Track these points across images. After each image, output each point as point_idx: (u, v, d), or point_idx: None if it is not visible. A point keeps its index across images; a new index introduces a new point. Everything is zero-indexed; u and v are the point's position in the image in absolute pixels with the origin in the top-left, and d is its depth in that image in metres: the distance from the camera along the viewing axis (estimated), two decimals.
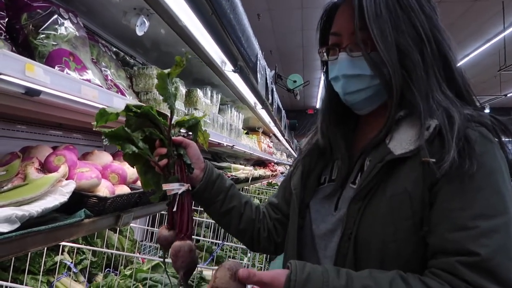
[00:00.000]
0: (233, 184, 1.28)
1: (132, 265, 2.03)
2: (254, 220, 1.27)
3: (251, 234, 1.27)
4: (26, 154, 1.35)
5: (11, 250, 0.97)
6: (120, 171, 1.51)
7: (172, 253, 1.00)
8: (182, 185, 1.07)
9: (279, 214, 1.28)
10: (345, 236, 0.97)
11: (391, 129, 0.96)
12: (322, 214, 1.06)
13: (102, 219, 1.34)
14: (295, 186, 1.13)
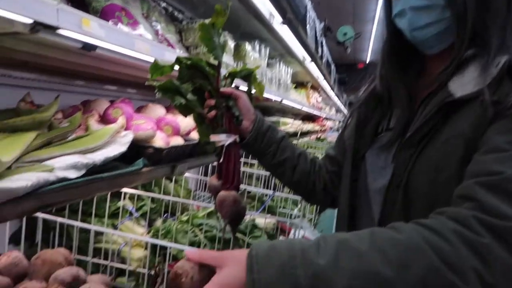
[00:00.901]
0: (285, 136, 1.25)
1: (188, 212, 2.14)
2: (308, 172, 1.25)
3: (306, 186, 1.26)
4: (86, 107, 1.43)
5: (79, 194, 1.05)
6: (173, 123, 1.56)
7: (217, 202, 1.04)
8: (229, 136, 1.08)
9: (335, 166, 1.24)
10: (393, 186, 0.93)
11: (457, 70, 0.88)
12: (379, 167, 1.01)
13: (158, 169, 1.41)
14: (348, 136, 1.10)
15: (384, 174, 0.98)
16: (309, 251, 0.70)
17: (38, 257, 1.18)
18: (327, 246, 0.70)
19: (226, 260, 0.75)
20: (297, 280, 0.68)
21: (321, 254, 0.69)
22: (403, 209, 0.89)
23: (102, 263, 1.74)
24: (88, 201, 1.82)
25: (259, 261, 0.71)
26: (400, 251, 0.68)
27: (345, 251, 0.69)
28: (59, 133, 1.12)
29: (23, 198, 0.80)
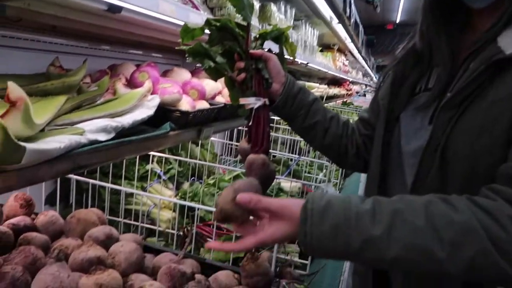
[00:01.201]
0: (317, 99, 1.22)
1: (214, 176, 2.18)
2: (340, 135, 1.22)
3: (337, 150, 1.23)
4: (113, 72, 1.44)
5: (109, 156, 1.08)
6: (199, 87, 1.56)
7: (246, 165, 1.03)
8: (259, 99, 1.06)
9: (369, 130, 1.20)
10: (430, 148, 0.88)
11: (506, 25, 0.81)
12: (414, 128, 0.96)
13: (185, 132, 1.42)
14: (382, 96, 1.03)
15: (419, 136, 0.93)
16: (364, 217, 0.71)
17: (73, 216, 1.23)
18: (382, 214, 0.71)
19: (281, 211, 0.76)
20: (348, 241, 0.71)
21: (376, 222, 0.71)
22: (440, 173, 0.86)
23: (133, 223, 1.80)
24: (118, 164, 1.88)
25: (314, 216, 0.73)
26: (454, 232, 0.68)
27: (400, 223, 0.70)
28: (88, 97, 1.13)
29: (57, 159, 0.82)
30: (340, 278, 1.74)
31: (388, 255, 0.69)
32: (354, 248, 0.71)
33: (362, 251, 0.71)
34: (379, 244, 0.70)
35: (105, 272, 0.99)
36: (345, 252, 0.72)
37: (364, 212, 0.72)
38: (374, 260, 0.72)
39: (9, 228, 1.16)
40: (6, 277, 0.91)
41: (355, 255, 0.72)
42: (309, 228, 0.73)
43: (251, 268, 1.05)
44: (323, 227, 0.72)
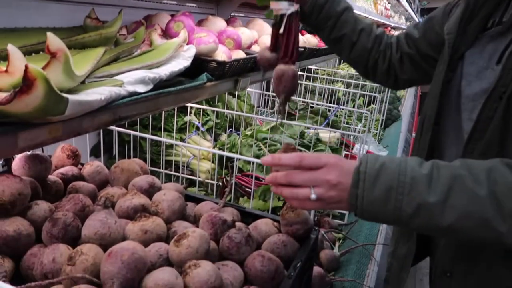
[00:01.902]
0: (348, 8, 1.14)
1: (251, 127, 2.18)
2: (370, 50, 1.16)
3: (366, 65, 1.18)
4: (148, 22, 1.42)
5: (148, 108, 1.09)
6: (235, 36, 1.52)
7: (275, 76, 0.98)
8: (291, 5, 0.98)
9: (413, 49, 1.13)
10: (494, 95, 0.80)
11: None
12: (479, 67, 0.87)
13: (222, 83, 1.41)
14: (449, 30, 0.92)
15: (483, 77, 0.85)
16: (420, 182, 0.69)
17: (117, 166, 1.28)
18: (439, 180, 0.68)
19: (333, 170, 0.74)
20: (401, 207, 0.69)
21: (432, 188, 0.68)
22: (503, 123, 0.78)
23: (173, 174, 1.86)
24: (157, 117, 1.91)
25: (367, 179, 0.71)
26: None
27: (459, 190, 0.67)
28: (126, 49, 1.13)
29: (98, 111, 0.84)
30: (379, 228, 1.74)
31: (443, 222, 0.67)
32: (406, 213, 0.69)
33: (414, 217, 0.69)
34: (433, 211, 0.67)
35: (150, 219, 1.03)
36: (396, 217, 0.70)
37: (420, 177, 0.69)
38: (426, 227, 0.70)
39: (58, 177, 1.22)
40: (59, 223, 0.97)
41: (407, 221, 0.70)
42: (361, 191, 0.71)
43: (291, 216, 1.06)
44: (376, 190, 0.70)
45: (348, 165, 0.74)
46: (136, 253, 0.86)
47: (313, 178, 0.74)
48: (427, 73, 1.12)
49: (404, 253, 1.03)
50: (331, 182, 0.73)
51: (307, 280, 1.11)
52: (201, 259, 0.92)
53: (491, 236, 0.67)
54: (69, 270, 0.87)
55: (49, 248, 0.94)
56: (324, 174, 0.73)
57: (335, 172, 0.73)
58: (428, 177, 0.69)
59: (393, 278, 1.08)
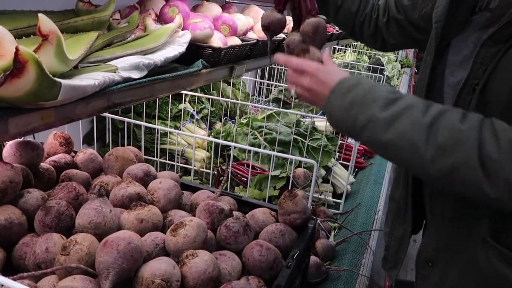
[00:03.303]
0: None
1: (247, 115, 2.16)
2: (355, 13, 1.17)
3: (352, 27, 1.20)
4: (142, 7, 1.39)
5: (143, 94, 1.07)
6: (231, 22, 1.50)
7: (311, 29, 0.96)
8: None
9: (402, 14, 1.14)
10: (468, 87, 0.83)
11: None
12: (462, 56, 0.88)
13: (217, 70, 1.38)
14: (437, 18, 0.92)
15: (465, 66, 0.86)
16: (380, 102, 0.76)
17: (111, 153, 1.25)
18: (396, 104, 0.75)
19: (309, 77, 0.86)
20: (357, 117, 0.78)
21: (387, 109, 0.75)
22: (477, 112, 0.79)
23: (168, 162, 1.83)
24: (151, 104, 1.88)
25: (342, 91, 0.81)
26: (449, 137, 0.69)
27: (407, 115, 0.73)
28: (119, 33, 1.10)
29: (92, 97, 0.82)
30: (374, 217, 1.74)
31: (382, 138, 0.74)
32: (359, 124, 0.77)
33: (363, 129, 0.77)
34: (379, 126, 0.75)
35: (146, 208, 1.01)
36: (351, 127, 0.79)
37: (383, 98, 0.76)
38: (369, 140, 0.78)
39: (50, 165, 1.20)
40: (52, 211, 0.95)
41: (358, 132, 0.78)
42: (334, 98, 0.81)
43: (289, 205, 1.05)
44: (345, 100, 0.80)
45: (325, 75, 0.84)
46: (132, 243, 0.84)
47: (294, 80, 0.88)
48: (415, 39, 1.16)
49: (401, 234, 1.07)
50: (304, 87, 0.86)
51: (304, 269, 1.11)
52: (199, 249, 0.91)
53: (416, 162, 0.72)
54: (63, 260, 0.85)
55: (42, 238, 0.92)
56: (301, 79, 0.87)
57: (309, 80, 0.85)
58: (389, 100, 0.76)
59: (391, 257, 1.13)
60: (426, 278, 0.98)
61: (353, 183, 2.16)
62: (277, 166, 1.79)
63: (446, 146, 0.69)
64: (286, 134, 1.89)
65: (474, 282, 0.89)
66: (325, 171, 2.01)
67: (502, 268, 0.83)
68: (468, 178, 0.68)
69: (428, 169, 0.71)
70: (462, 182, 0.69)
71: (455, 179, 0.70)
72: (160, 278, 0.82)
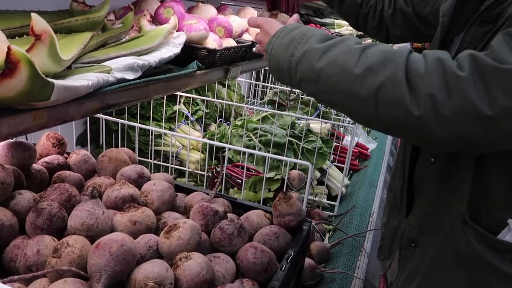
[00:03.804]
0: None
1: (241, 117, 2.16)
2: (359, 5, 1.18)
3: (356, 19, 1.21)
4: (137, 8, 1.38)
5: (137, 95, 1.06)
6: (226, 24, 1.49)
7: None
8: None
9: (410, 7, 1.15)
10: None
11: None
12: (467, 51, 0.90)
13: (212, 72, 1.38)
14: (444, 13, 0.93)
15: None
16: (316, 37, 0.79)
17: (104, 155, 1.24)
18: (332, 39, 0.78)
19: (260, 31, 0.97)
20: (294, 52, 0.80)
21: (322, 42, 0.78)
22: None
23: (162, 164, 1.82)
24: (145, 105, 1.87)
25: (283, 32, 0.84)
26: (378, 58, 0.71)
27: (340, 45, 0.76)
28: (114, 34, 1.10)
29: (85, 98, 0.81)
30: (369, 219, 1.74)
31: (316, 66, 0.76)
32: (296, 58, 0.79)
33: (299, 62, 0.79)
34: (313, 55, 0.77)
35: (139, 210, 1.00)
36: (288, 62, 0.81)
37: (320, 35, 0.79)
38: (305, 71, 0.79)
39: (43, 166, 1.18)
40: (44, 213, 0.94)
41: (295, 66, 0.80)
42: (274, 39, 0.85)
43: (284, 207, 1.05)
44: (284, 40, 0.83)
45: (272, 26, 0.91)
46: (125, 245, 0.83)
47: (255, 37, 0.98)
48: (421, 32, 1.16)
49: (396, 225, 1.08)
50: (257, 39, 0.98)
51: (299, 272, 1.10)
52: (192, 251, 0.90)
53: (347, 84, 0.73)
54: (54, 262, 0.84)
55: (33, 240, 0.91)
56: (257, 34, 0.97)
57: (260, 32, 0.96)
58: (326, 36, 0.79)
59: (386, 248, 1.14)
60: (409, 260, 1.00)
61: (348, 185, 2.16)
62: (272, 168, 1.78)
63: (375, 65, 0.71)
64: (281, 136, 1.89)
65: (452, 262, 0.90)
66: (320, 173, 2.01)
67: (480, 249, 0.84)
68: (393, 94, 0.68)
69: (357, 89, 0.72)
70: (387, 100, 0.69)
71: (382, 97, 0.70)
72: (153, 281, 0.81)
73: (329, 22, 3.66)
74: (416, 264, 0.98)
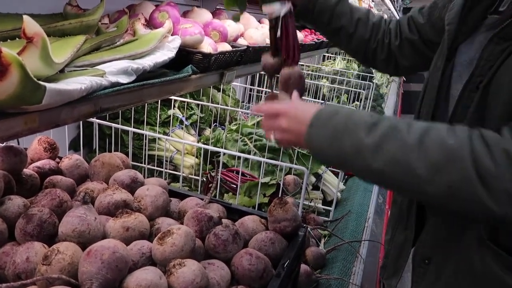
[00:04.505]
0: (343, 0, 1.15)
1: (236, 122, 2.15)
2: (367, 40, 1.16)
3: (364, 55, 1.20)
4: (131, 12, 1.37)
5: (131, 99, 1.05)
6: (221, 28, 1.49)
7: (282, 80, 0.98)
8: (284, 4, 0.97)
9: (416, 35, 1.13)
10: (471, 84, 0.82)
11: None
12: (469, 57, 0.87)
13: (207, 76, 1.37)
14: (450, 20, 0.92)
15: (471, 68, 0.86)
16: (362, 127, 0.75)
17: (97, 159, 1.22)
18: (379, 127, 0.74)
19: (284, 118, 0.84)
20: (341, 147, 0.76)
21: (371, 133, 0.73)
22: (477, 114, 0.80)
23: (156, 169, 1.81)
24: (139, 110, 1.85)
25: (321, 121, 0.79)
26: (442, 155, 0.68)
27: (393, 138, 0.72)
28: (108, 38, 1.09)
29: (78, 101, 0.80)
30: (364, 225, 1.74)
31: (374, 165, 0.72)
32: (345, 153, 0.75)
33: (352, 158, 0.75)
34: (367, 153, 0.73)
35: (132, 216, 0.99)
36: (338, 157, 0.77)
37: (364, 122, 0.75)
38: (361, 169, 0.76)
39: (34, 171, 1.16)
40: (34, 219, 0.92)
41: (346, 161, 0.77)
42: (314, 131, 0.79)
43: (279, 213, 1.03)
44: (325, 131, 0.78)
45: (298, 111, 0.83)
46: (117, 252, 0.82)
47: (270, 125, 0.88)
48: (429, 58, 1.13)
49: (401, 241, 1.05)
50: (282, 128, 0.84)
51: (294, 278, 1.09)
52: (186, 258, 0.89)
53: (413, 184, 0.70)
54: (44, 270, 0.82)
55: (23, 247, 0.89)
56: (277, 122, 0.85)
57: (286, 120, 0.83)
58: (371, 124, 0.74)
59: (390, 265, 1.10)
60: (422, 276, 0.97)
61: (343, 190, 2.15)
62: (267, 173, 1.77)
63: (440, 164, 0.68)
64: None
65: (468, 282, 0.87)
66: (315, 178, 2.00)
67: (497, 271, 0.82)
68: (468, 193, 0.67)
69: (427, 189, 0.69)
70: (463, 199, 0.68)
71: (456, 196, 0.68)
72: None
73: None
74: (431, 281, 0.95)
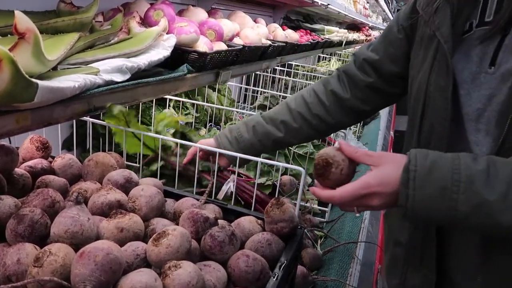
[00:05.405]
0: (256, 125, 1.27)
1: (232, 122, 2.13)
2: (331, 123, 1.20)
3: (336, 128, 1.26)
4: (126, 10, 1.36)
5: (125, 98, 1.03)
6: (217, 27, 1.48)
7: None
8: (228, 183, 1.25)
9: (373, 76, 1.09)
10: None
11: None
12: (471, 74, 0.81)
13: (202, 75, 1.36)
14: (446, 39, 0.83)
15: (479, 83, 0.80)
16: (476, 180, 0.66)
17: (91, 159, 1.20)
18: (497, 176, 0.66)
19: (384, 161, 0.73)
20: (455, 206, 0.67)
21: (490, 185, 0.65)
22: None
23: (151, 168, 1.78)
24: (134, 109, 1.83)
25: (418, 178, 0.68)
26: None
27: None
28: (102, 36, 1.07)
29: (71, 100, 0.78)
30: (360, 226, 1.73)
31: (504, 221, 0.64)
32: (461, 213, 0.66)
33: (471, 216, 0.66)
34: (493, 211, 0.65)
35: (126, 216, 0.97)
36: (450, 217, 0.68)
37: (476, 174, 0.66)
38: (484, 226, 0.68)
39: (26, 170, 1.14)
40: (25, 220, 0.90)
41: (462, 220, 0.68)
42: (412, 191, 0.68)
43: (276, 214, 1.02)
44: (429, 190, 0.67)
45: (384, 183, 0.72)
46: (111, 253, 0.80)
47: (354, 204, 0.76)
48: (391, 94, 1.13)
49: (419, 284, 0.93)
50: (376, 207, 0.75)
51: (291, 280, 1.08)
52: (182, 259, 0.87)
53: None
54: (35, 272, 0.80)
55: (13, 248, 0.87)
56: (366, 202, 0.74)
57: (377, 199, 0.73)
58: (485, 173, 0.66)
59: None
60: None
61: None
62: (263, 173, 1.76)
63: None
64: None
65: None
66: (311, 178, 1.99)
67: None
68: None
69: None
70: None
71: None
72: None
73: (319, 28, 3.67)
74: None
